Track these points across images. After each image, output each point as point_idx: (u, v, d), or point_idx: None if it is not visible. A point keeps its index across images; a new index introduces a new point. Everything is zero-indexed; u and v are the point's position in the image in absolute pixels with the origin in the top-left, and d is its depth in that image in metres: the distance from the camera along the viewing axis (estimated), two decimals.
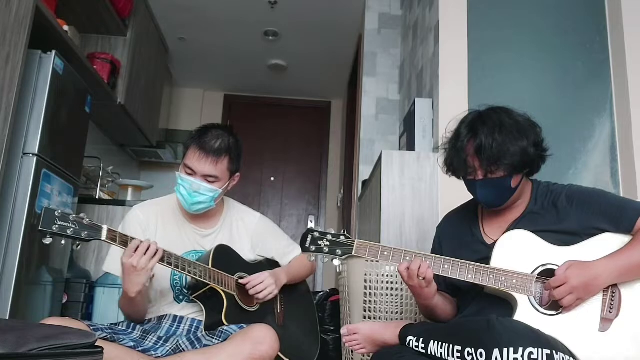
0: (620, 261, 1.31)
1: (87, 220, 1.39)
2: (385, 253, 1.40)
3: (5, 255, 2.16)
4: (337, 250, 1.41)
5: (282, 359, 1.56)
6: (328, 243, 1.41)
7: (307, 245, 1.42)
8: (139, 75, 3.74)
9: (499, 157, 1.35)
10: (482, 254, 1.43)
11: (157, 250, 1.46)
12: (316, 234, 1.42)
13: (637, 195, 2.24)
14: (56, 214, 1.34)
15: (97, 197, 3.35)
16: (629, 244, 1.34)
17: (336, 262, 1.41)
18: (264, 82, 5.16)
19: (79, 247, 1.41)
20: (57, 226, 1.33)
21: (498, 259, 1.38)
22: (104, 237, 1.41)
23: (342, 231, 1.44)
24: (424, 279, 1.35)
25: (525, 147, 1.37)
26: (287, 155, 5.43)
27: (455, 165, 1.45)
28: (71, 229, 1.35)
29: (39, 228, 1.32)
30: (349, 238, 1.42)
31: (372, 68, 3.52)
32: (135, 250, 1.44)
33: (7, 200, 2.19)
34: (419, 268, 1.34)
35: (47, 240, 1.34)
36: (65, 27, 2.69)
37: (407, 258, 1.38)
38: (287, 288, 1.81)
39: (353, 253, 1.41)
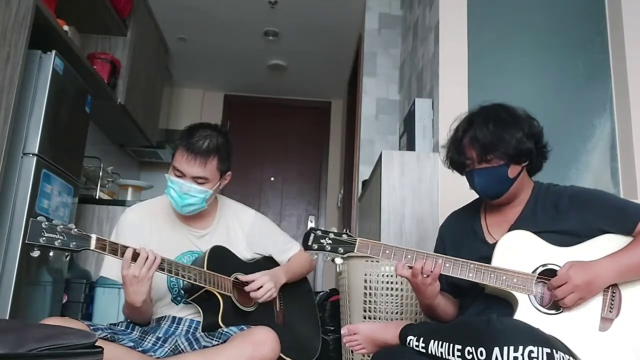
0: (621, 260, 1.31)
1: (76, 230, 1.37)
2: (387, 251, 1.40)
3: (6, 255, 2.16)
4: (339, 249, 1.41)
5: (282, 359, 1.56)
6: (330, 241, 1.42)
7: (309, 243, 1.42)
8: (139, 75, 3.74)
9: (492, 144, 1.39)
10: (483, 252, 1.44)
11: (156, 258, 1.45)
12: (319, 233, 1.43)
13: (637, 195, 2.24)
14: (43, 225, 1.31)
15: (97, 197, 3.35)
16: (630, 244, 1.34)
17: (338, 260, 1.42)
18: (264, 82, 5.16)
19: (68, 257, 1.39)
20: (44, 238, 1.31)
21: (499, 259, 1.38)
22: (93, 247, 1.39)
23: (345, 230, 1.45)
24: (427, 276, 1.36)
25: (520, 137, 1.40)
26: (287, 155, 5.43)
27: (454, 157, 1.49)
28: (59, 240, 1.33)
29: (26, 241, 1.30)
30: (351, 236, 1.42)
31: (372, 68, 3.51)
32: (133, 260, 1.42)
33: (7, 200, 2.19)
34: (423, 267, 1.36)
35: (35, 253, 1.31)
36: (65, 27, 2.69)
37: (409, 257, 1.39)
38: (287, 286, 1.80)
39: (355, 251, 1.41)
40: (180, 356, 1.45)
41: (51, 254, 1.35)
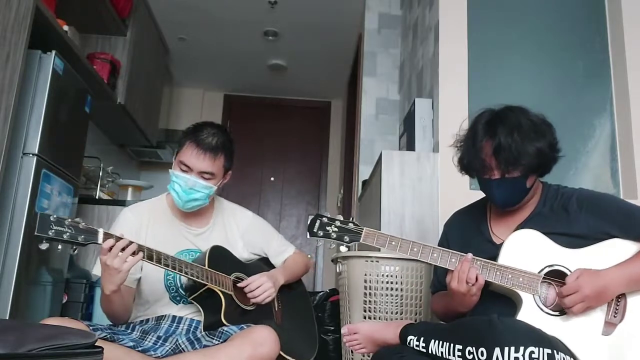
0: (630, 271, 1.31)
1: (83, 224, 1.38)
2: (393, 243, 1.39)
3: (5, 255, 2.16)
4: (345, 237, 1.40)
5: (283, 357, 1.56)
6: (336, 229, 1.41)
7: (315, 230, 1.41)
8: (139, 75, 3.73)
9: (517, 157, 1.35)
10: (489, 253, 1.42)
11: (135, 252, 1.43)
12: (325, 219, 1.42)
13: (638, 195, 2.24)
14: (51, 218, 1.33)
15: (97, 197, 3.34)
16: (638, 254, 1.33)
17: (343, 248, 1.41)
18: (264, 82, 5.16)
19: (76, 251, 1.40)
20: (53, 231, 1.33)
21: (505, 257, 1.38)
22: (100, 241, 1.40)
23: (351, 218, 1.44)
24: (473, 285, 1.33)
25: (542, 148, 1.37)
26: (287, 155, 5.43)
27: (472, 164, 1.44)
28: (67, 234, 1.35)
29: (35, 233, 1.31)
30: (358, 225, 1.41)
31: (372, 68, 3.52)
32: (110, 249, 1.40)
33: (7, 200, 2.19)
34: (468, 273, 1.33)
35: (44, 246, 1.34)
36: (65, 27, 2.69)
37: (415, 249, 1.38)
38: (284, 287, 1.80)
39: (361, 240, 1.40)
40: (180, 356, 1.45)
41: (59, 247, 1.36)
